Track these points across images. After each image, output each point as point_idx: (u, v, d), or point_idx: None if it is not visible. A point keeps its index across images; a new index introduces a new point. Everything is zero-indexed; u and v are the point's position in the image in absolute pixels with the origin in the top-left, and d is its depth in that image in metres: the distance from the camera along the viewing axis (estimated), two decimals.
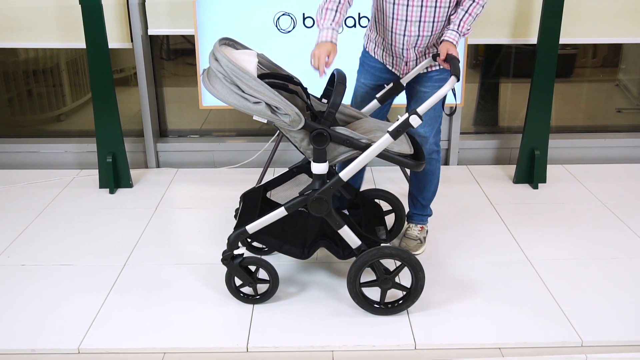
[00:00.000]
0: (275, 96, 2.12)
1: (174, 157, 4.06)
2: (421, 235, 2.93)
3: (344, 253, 2.48)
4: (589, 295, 2.55)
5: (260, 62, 2.43)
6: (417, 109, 2.21)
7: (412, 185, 2.93)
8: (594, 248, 2.94)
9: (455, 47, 2.44)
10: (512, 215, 3.28)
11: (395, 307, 2.41)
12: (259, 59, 2.37)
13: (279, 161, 3.95)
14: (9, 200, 3.50)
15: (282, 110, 2.13)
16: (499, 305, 2.49)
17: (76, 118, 4.29)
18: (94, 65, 3.46)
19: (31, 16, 3.62)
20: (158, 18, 3.65)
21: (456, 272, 2.74)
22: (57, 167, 4.01)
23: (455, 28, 2.47)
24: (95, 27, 3.38)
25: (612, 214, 3.28)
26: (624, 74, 4.29)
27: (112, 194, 3.60)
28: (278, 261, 2.75)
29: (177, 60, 4.22)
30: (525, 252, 2.90)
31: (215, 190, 3.64)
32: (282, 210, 2.35)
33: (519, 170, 3.71)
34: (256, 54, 2.35)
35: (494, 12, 3.63)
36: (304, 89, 2.45)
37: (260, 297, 2.49)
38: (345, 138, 2.23)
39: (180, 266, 2.80)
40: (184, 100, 4.19)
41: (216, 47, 2.19)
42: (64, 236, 3.09)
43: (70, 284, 2.66)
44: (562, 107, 4.28)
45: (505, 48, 4.12)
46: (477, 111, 4.28)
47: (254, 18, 3.40)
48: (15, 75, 4.15)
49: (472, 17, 2.48)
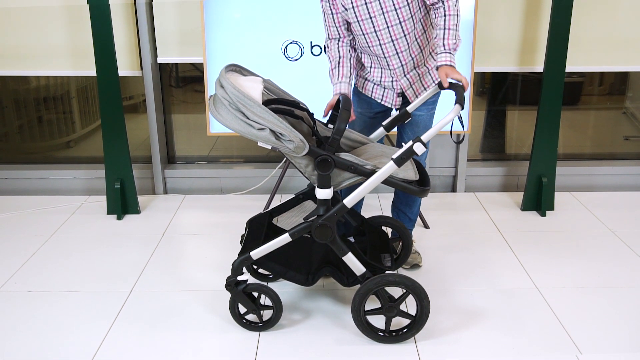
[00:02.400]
0: (279, 122, 2.14)
1: (182, 183, 4.08)
2: (415, 247, 3.04)
3: (349, 280, 2.47)
4: (599, 324, 2.52)
5: (267, 88, 2.45)
6: (422, 137, 2.21)
7: (400, 202, 2.99)
8: (603, 276, 2.91)
9: (453, 68, 2.42)
10: (520, 242, 3.26)
11: (400, 335, 2.38)
12: (265, 84, 2.40)
13: (286, 188, 3.96)
14: (17, 227, 3.52)
15: (286, 136, 2.14)
16: (507, 334, 2.46)
17: (85, 145, 4.33)
18: (104, 93, 3.51)
19: (43, 44, 3.69)
20: (168, 46, 3.70)
21: (464, 299, 2.71)
22: (65, 193, 4.04)
23: (443, 49, 2.46)
24: (105, 55, 3.44)
25: (620, 241, 3.26)
26: (631, 102, 4.29)
27: (120, 220, 3.61)
28: (283, 288, 2.74)
29: (186, 88, 4.26)
30: (534, 279, 2.87)
31: (223, 217, 3.65)
32: (287, 236, 2.35)
33: (526, 197, 3.69)
34: (262, 80, 2.37)
35: (500, 41, 3.66)
36: (310, 114, 2.47)
37: (264, 325, 2.48)
38: (350, 164, 2.24)
39: (188, 293, 2.79)
40: (192, 127, 4.23)
41: (222, 74, 2.21)
42: (71, 262, 3.09)
43: (76, 311, 2.65)
44: (569, 134, 4.27)
45: (511, 75, 4.13)
46: (484, 138, 4.28)
47: (262, 46, 3.44)
48: (27, 102, 4.21)
49: (453, 29, 2.47)
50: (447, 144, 3.94)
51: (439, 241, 3.28)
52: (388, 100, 2.72)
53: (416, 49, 2.61)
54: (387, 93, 2.71)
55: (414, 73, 2.66)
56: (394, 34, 2.53)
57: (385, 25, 2.52)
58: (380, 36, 2.54)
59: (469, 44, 3.42)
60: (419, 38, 2.60)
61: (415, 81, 2.67)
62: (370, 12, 2.49)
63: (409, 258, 2.95)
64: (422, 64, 2.67)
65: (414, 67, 2.65)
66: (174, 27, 3.65)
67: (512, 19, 3.63)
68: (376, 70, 2.69)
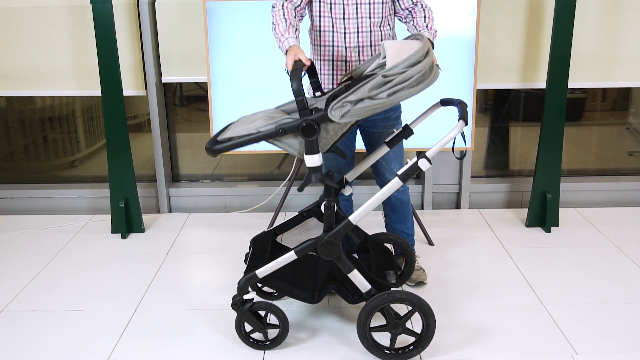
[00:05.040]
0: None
1: (186, 202, 4.08)
2: (420, 264, 3.01)
3: (354, 297, 2.46)
4: (606, 342, 2.50)
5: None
6: (426, 153, 2.22)
7: (393, 221, 2.97)
8: (609, 293, 2.89)
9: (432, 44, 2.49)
10: (525, 259, 3.25)
11: (406, 352, 2.37)
12: None
13: (290, 205, 3.96)
14: (22, 246, 3.53)
15: None
16: (513, 351, 2.44)
17: (90, 164, 4.35)
18: (109, 112, 3.53)
19: (49, 65, 3.72)
20: (172, 66, 3.73)
21: (469, 317, 2.70)
22: (70, 212, 4.05)
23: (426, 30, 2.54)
24: (110, 75, 3.46)
25: (626, 257, 3.24)
26: (634, 118, 4.30)
27: (124, 239, 3.61)
28: (288, 306, 2.73)
29: (190, 107, 4.29)
30: (539, 296, 2.86)
31: (227, 235, 3.65)
32: (292, 254, 2.35)
33: (531, 213, 3.69)
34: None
35: (502, 58, 3.68)
36: None
37: (270, 343, 2.47)
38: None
39: (192, 312, 2.78)
40: (196, 145, 4.24)
41: None
42: (76, 282, 3.09)
43: (81, 330, 2.65)
44: (573, 150, 4.28)
45: (514, 92, 4.15)
46: (487, 155, 4.28)
47: (265, 65, 3.46)
48: (32, 122, 4.24)
49: (433, 21, 2.59)
50: (450, 160, 3.94)
51: (444, 258, 3.27)
52: (338, 77, 2.67)
53: (377, 52, 2.60)
54: (336, 73, 2.66)
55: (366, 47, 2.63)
56: (361, 26, 2.55)
57: (356, 16, 2.54)
58: (347, 24, 2.55)
59: (471, 61, 3.44)
60: (381, 43, 2.59)
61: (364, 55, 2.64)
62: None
63: (413, 275, 2.94)
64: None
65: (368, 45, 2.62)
66: (178, 47, 3.69)
67: (513, 36, 3.66)
68: (327, 77, 2.67)
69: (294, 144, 2.23)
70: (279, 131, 2.18)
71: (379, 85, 2.08)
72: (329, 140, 2.25)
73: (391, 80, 2.08)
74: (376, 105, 2.10)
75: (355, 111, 2.13)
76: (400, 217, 2.95)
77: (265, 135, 2.19)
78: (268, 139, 2.21)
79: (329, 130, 2.21)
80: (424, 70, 2.09)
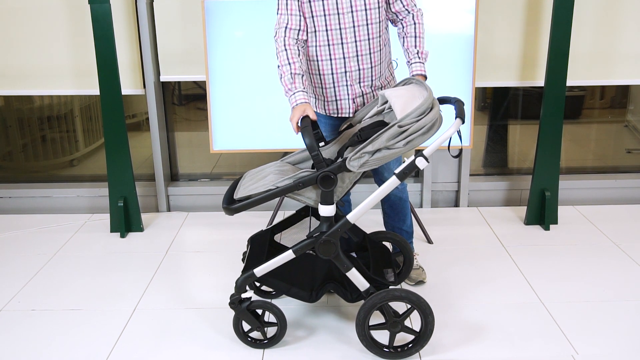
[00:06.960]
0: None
1: (185, 200, 4.08)
2: (419, 262, 3.01)
3: (352, 296, 2.47)
4: (605, 339, 2.50)
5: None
6: (424, 151, 2.22)
7: (392, 219, 2.97)
8: (608, 290, 2.89)
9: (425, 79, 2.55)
10: (524, 257, 3.25)
11: (405, 351, 2.37)
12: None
13: (289, 205, 3.96)
14: (20, 245, 3.53)
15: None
16: (512, 349, 2.44)
17: (88, 163, 4.35)
18: (107, 111, 3.53)
19: (47, 64, 3.72)
20: (170, 65, 3.73)
21: (468, 315, 2.70)
22: (69, 211, 4.05)
23: (417, 59, 2.56)
24: (109, 74, 3.46)
25: (625, 255, 3.25)
26: (632, 115, 4.30)
27: (123, 238, 3.61)
28: (286, 305, 2.74)
29: (189, 105, 4.28)
30: (538, 294, 2.86)
31: (226, 234, 3.65)
32: (290, 253, 2.35)
33: (529, 211, 3.69)
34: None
35: (500, 56, 3.68)
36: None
37: (269, 342, 2.47)
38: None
39: (191, 310, 2.79)
40: (195, 144, 4.24)
41: None
42: (75, 281, 3.09)
43: (80, 329, 2.65)
44: (571, 148, 4.28)
45: (512, 90, 4.15)
46: (486, 153, 4.28)
47: (264, 65, 3.46)
48: (30, 121, 4.24)
49: (423, 38, 2.60)
50: (449, 159, 3.94)
51: (443, 256, 3.27)
52: (344, 110, 2.67)
53: (376, 58, 2.59)
54: (341, 104, 2.66)
55: (368, 83, 2.62)
56: (358, 35, 2.52)
57: (352, 25, 2.51)
58: (344, 34, 2.52)
59: (470, 59, 3.44)
60: (381, 50, 2.60)
61: (367, 92, 2.64)
62: (339, 8, 2.49)
63: (413, 274, 2.94)
64: (378, 77, 2.64)
65: (370, 78, 2.61)
66: (176, 45, 3.68)
67: (512, 34, 3.65)
68: (329, 90, 2.64)
69: (312, 196, 2.30)
70: (298, 185, 2.25)
71: (395, 135, 2.15)
72: (344, 189, 2.31)
73: (406, 130, 2.14)
74: (393, 154, 2.17)
75: (373, 161, 2.19)
76: (399, 215, 2.95)
77: (285, 190, 2.26)
78: (287, 193, 2.27)
79: (344, 179, 2.29)
80: (435, 119, 2.17)
